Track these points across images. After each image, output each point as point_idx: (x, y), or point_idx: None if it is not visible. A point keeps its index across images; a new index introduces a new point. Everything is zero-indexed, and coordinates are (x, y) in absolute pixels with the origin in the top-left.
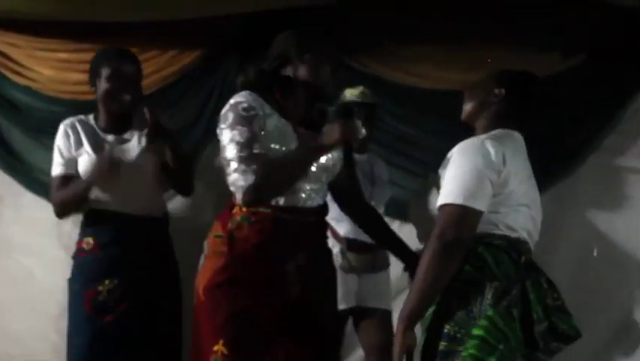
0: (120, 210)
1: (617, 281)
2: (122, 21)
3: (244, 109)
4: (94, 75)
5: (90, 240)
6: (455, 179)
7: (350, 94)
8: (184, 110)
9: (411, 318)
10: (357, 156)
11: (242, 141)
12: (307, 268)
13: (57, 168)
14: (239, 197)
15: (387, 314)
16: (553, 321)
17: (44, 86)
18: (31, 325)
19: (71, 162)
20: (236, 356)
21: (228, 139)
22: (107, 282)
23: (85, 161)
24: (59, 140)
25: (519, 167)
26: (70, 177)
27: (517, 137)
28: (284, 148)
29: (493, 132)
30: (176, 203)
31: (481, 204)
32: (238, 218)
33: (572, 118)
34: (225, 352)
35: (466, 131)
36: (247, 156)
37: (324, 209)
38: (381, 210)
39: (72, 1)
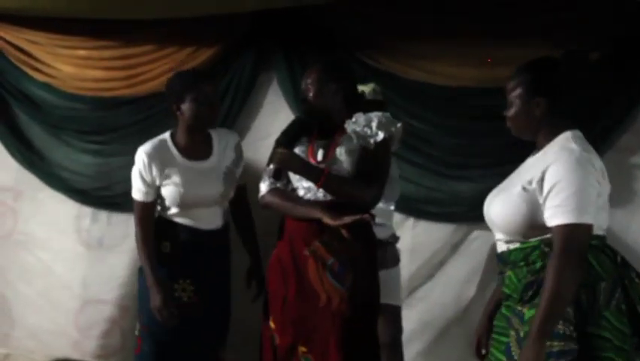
0: (194, 226)
1: None
2: (140, 18)
3: None
4: (178, 97)
5: (167, 244)
6: (573, 196)
7: (361, 90)
8: None
9: (545, 334)
10: None
11: None
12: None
13: (138, 194)
14: None
15: (397, 310)
16: None
17: (64, 82)
18: (50, 320)
19: (151, 190)
20: None
21: None
22: (181, 281)
23: (172, 192)
24: (140, 167)
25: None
26: (150, 203)
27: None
28: None
29: (574, 138)
30: None
31: (593, 218)
32: None
33: (586, 116)
34: None
35: (476, 128)
36: None
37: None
38: (391, 208)
39: None
